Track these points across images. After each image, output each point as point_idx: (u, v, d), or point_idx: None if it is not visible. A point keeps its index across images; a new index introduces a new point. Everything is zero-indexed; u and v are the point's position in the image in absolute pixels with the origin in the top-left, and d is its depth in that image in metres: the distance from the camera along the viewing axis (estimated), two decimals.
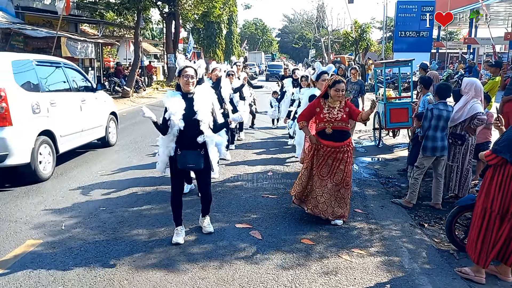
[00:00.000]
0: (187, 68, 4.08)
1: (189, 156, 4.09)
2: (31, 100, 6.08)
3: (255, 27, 75.38)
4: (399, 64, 9.98)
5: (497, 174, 3.48)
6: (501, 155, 3.40)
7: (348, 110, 4.67)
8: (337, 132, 4.63)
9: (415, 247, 4.29)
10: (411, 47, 28.15)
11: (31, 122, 6.03)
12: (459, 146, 5.40)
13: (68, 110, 7.09)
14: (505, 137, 3.46)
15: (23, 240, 4.32)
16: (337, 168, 4.69)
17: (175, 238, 4.28)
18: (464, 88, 5.32)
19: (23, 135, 5.86)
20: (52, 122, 6.49)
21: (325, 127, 4.65)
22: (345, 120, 4.65)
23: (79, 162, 7.49)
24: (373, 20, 44.19)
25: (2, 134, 5.62)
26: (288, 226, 4.74)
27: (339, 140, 4.64)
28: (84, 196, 5.71)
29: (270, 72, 36.66)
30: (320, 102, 4.74)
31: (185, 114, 4.01)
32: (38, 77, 6.49)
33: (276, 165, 7.48)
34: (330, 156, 4.66)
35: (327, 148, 4.66)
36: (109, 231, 4.53)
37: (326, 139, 4.66)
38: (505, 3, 24.86)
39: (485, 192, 3.56)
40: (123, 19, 22.49)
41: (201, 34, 43.05)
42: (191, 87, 4.09)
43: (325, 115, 4.64)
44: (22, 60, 6.39)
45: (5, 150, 5.65)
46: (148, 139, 9.64)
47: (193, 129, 4.05)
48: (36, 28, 15.58)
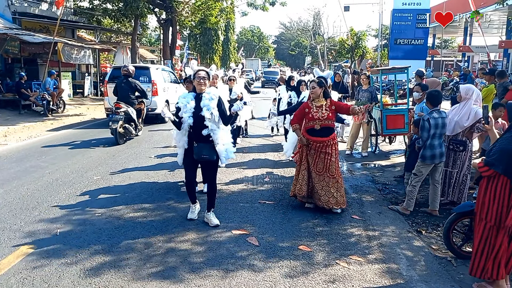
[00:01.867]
0: (200, 71, 4.64)
1: (204, 148, 4.61)
2: (162, 86, 13.09)
3: (251, 34, 75.65)
4: (395, 71, 10.01)
5: (490, 185, 3.45)
6: (494, 168, 3.36)
7: (335, 108, 5.30)
8: (324, 129, 5.25)
9: (413, 254, 4.28)
10: (406, 55, 28.33)
11: (162, 95, 12.89)
12: (460, 152, 5.44)
13: (172, 91, 13.73)
14: (496, 149, 3.41)
15: (18, 246, 4.26)
16: (330, 162, 5.26)
17: (189, 215, 4.99)
18: (465, 94, 5.35)
19: (160, 100, 12.64)
20: (168, 96, 13.33)
21: (314, 125, 5.25)
22: (331, 118, 5.28)
23: (75, 167, 7.44)
24: (368, 27, 44.47)
25: (154, 99, 12.38)
26: (286, 232, 4.71)
27: (325, 135, 5.27)
28: (79, 201, 5.65)
29: (266, 79, 36.38)
30: (309, 103, 5.36)
31: (194, 112, 4.56)
32: (162, 75, 13.67)
33: (273, 170, 7.46)
34: (321, 151, 5.25)
35: (316, 144, 5.25)
36: (104, 238, 4.48)
37: (314, 136, 5.27)
38: (499, 12, 25.11)
39: (480, 203, 3.54)
40: (121, 26, 22.51)
41: (198, 40, 43.16)
42: (203, 87, 4.61)
43: (314, 114, 5.23)
44: (158, 68, 14.03)
45: (155, 106, 12.33)
46: (144, 144, 9.60)
47: (201, 124, 4.56)
48: (33, 34, 15.57)
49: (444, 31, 32.33)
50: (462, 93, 5.40)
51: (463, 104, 5.38)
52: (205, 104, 4.56)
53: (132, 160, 8.05)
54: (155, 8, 23.05)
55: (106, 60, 29.86)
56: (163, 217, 5.12)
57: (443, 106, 5.60)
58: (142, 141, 10.07)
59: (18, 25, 16.50)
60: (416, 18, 29.22)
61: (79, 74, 21.50)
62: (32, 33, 15.65)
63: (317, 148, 5.28)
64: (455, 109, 5.51)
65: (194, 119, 4.56)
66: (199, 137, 4.61)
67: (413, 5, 29.20)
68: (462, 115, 5.32)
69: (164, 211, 5.34)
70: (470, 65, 31.80)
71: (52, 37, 15.03)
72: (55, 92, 14.67)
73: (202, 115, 4.53)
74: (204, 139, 4.61)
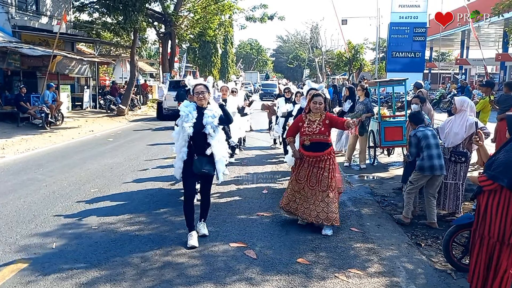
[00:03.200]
0: (198, 86, 4.57)
1: (205, 161, 4.51)
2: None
3: (250, 47, 76.19)
4: (393, 83, 10.06)
5: (491, 199, 3.32)
6: (499, 181, 3.22)
7: (329, 121, 5.06)
8: (315, 144, 5.03)
9: (412, 267, 4.23)
10: (404, 68, 28.52)
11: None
12: (462, 163, 5.43)
13: None
14: (500, 161, 3.27)
15: (13, 260, 4.21)
16: (321, 176, 5.05)
17: (190, 242, 4.55)
18: (461, 106, 5.39)
19: None
20: None
21: (304, 140, 5.09)
22: (324, 132, 5.03)
23: (72, 180, 7.40)
24: (366, 40, 44.82)
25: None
26: (284, 245, 4.67)
27: (318, 150, 5.04)
28: (76, 214, 5.61)
29: (264, 91, 35.28)
30: (303, 117, 5.18)
31: (196, 123, 4.48)
32: None
33: (271, 183, 7.43)
34: (314, 165, 5.05)
35: (309, 158, 5.07)
36: (101, 251, 4.43)
37: (307, 150, 5.09)
38: (495, 25, 25.39)
39: (481, 219, 3.41)
40: (120, 39, 22.65)
41: (197, 53, 43.43)
42: (203, 101, 4.54)
43: (305, 129, 5.06)
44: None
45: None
46: (142, 157, 9.58)
47: (202, 139, 4.51)
48: (32, 47, 15.64)
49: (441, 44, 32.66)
50: (458, 105, 5.43)
51: (458, 116, 5.41)
52: (208, 121, 4.48)
53: (130, 173, 8.02)
54: (154, 22, 23.23)
55: (105, 73, 29.99)
56: (160, 230, 5.07)
57: (441, 118, 5.62)
58: (140, 153, 10.05)
59: (18, 39, 16.58)
60: (413, 31, 29.52)
61: (78, 87, 21.55)
62: (31, 46, 15.72)
63: (310, 162, 5.09)
64: (451, 121, 5.52)
65: (194, 131, 4.47)
66: (199, 150, 4.53)
67: (410, 19, 29.53)
68: (460, 127, 5.34)
69: (161, 224, 5.30)
70: (467, 78, 32.02)
71: (51, 50, 15.09)
72: (53, 105, 14.68)
73: (205, 132, 4.48)
74: (204, 153, 4.53)
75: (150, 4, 20.61)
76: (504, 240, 3.28)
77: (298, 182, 5.19)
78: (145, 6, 18.97)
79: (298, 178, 5.19)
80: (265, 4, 24.56)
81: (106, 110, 20.40)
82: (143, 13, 18.84)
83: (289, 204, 5.24)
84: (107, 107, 20.54)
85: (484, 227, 3.39)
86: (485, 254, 3.40)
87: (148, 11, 20.74)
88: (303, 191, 5.15)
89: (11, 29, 16.49)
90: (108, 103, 20.66)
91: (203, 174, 4.57)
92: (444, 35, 29.94)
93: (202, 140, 4.51)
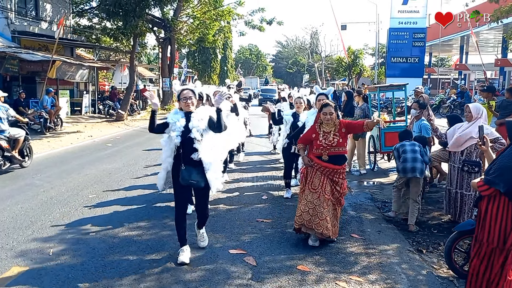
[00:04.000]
0: (184, 91, 4.29)
1: (193, 172, 4.16)
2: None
3: (249, 52, 76.35)
4: (393, 89, 10.04)
5: (491, 205, 3.31)
6: (494, 186, 3.22)
7: (346, 129, 4.70)
8: (333, 157, 4.66)
9: (414, 273, 4.18)
10: (403, 73, 28.57)
11: None
12: (476, 173, 5.16)
13: None
14: (496, 166, 3.28)
15: (9, 267, 4.16)
16: (334, 189, 4.77)
17: (180, 258, 4.25)
18: (477, 114, 5.18)
19: None
20: None
21: (321, 153, 4.66)
22: (342, 144, 4.68)
23: (70, 185, 7.35)
24: (365, 46, 44.94)
25: None
26: (284, 252, 4.62)
27: (336, 163, 4.70)
28: (73, 220, 5.55)
29: (264, 97, 34.29)
30: (316, 128, 4.76)
31: (183, 132, 4.15)
32: None
33: (270, 189, 7.38)
34: (328, 176, 4.70)
35: (324, 168, 4.69)
36: (98, 258, 4.38)
37: (322, 161, 4.69)
38: (494, 31, 25.44)
39: (481, 225, 3.40)
40: (119, 44, 22.68)
41: (197, 59, 43.53)
42: (191, 107, 4.26)
43: (321, 141, 4.64)
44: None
45: None
46: (140, 162, 9.53)
47: (190, 146, 4.16)
48: (31, 52, 15.64)
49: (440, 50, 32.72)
50: (474, 113, 5.20)
51: (472, 123, 5.20)
52: (194, 125, 4.15)
53: (128, 178, 7.97)
54: (154, 27, 23.27)
55: (105, 78, 30.01)
56: (159, 236, 5.02)
57: (440, 124, 5.57)
58: (139, 159, 10.00)
59: (17, 44, 16.59)
60: (413, 36, 29.60)
61: (78, 92, 21.54)
62: (30, 52, 15.72)
63: (324, 172, 4.69)
64: (461, 128, 5.35)
65: (182, 139, 4.14)
66: (187, 160, 4.17)
67: (409, 24, 29.63)
68: (473, 132, 5.09)
69: (160, 230, 5.25)
70: (466, 83, 32.07)
71: (50, 55, 15.10)
72: (52, 110, 14.65)
73: (191, 136, 4.14)
74: (193, 162, 4.17)
75: (150, 9, 20.65)
76: (504, 246, 3.24)
77: (311, 191, 4.70)
78: (145, 11, 19.01)
79: (312, 186, 4.72)
80: (262, 7, 24.65)
81: (105, 115, 20.38)
82: (143, 18, 18.87)
83: (302, 216, 4.68)
84: (106, 112, 20.52)
85: (483, 233, 3.35)
86: (485, 260, 3.36)
87: (148, 17, 20.77)
88: (318, 201, 4.65)
89: (11, 34, 16.50)
90: (107, 108, 20.64)
91: (191, 185, 4.24)
92: (443, 41, 30.00)
93: (190, 147, 4.16)
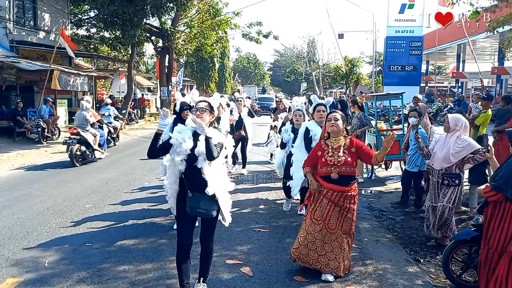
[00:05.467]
0: (200, 103, 3.60)
1: (201, 199, 3.45)
2: None
3: (247, 61, 76.62)
4: (390, 97, 10.07)
5: (496, 211, 3.35)
6: (502, 192, 3.25)
7: (355, 150, 4.14)
8: (342, 177, 4.08)
9: (411, 283, 4.16)
10: (400, 81, 28.69)
11: None
12: (456, 186, 4.94)
13: None
14: (503, 173, 3.31)
15: (3, 278, 4.13)
16: (344, 218, 4.16)
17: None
18: (455, 125, 4.90)
19: None
20: None
21: (330, 172, 4.09)
22: (351, 163, 4.10)
23: (67, 195, 7.32)
24: (362, 54, 45.14)
25: None
26: (281, 262, 4.59)
27: (345, 184, 4.10)
28: (70, 230, 5.52)
29: (261, 105, 33.93)
30: (322, 144, 4.27)
31: (189, 156, 3.46)
32: None
33: (268, 198, 7.37)
34: (337, 203, 4.09)
35: (333, 193, 4.10)
36: (94, 268, 4.35)
37: (330, 182, 4.12)
38: (490, 39, 25.63)
39: (485, 229, 3.43)
40: (117, 53, 22.74)
41: (195, 67, 43.67)
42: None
43: (330, 158, 4.10)
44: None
45: None
46: (138, 171, 9.51)
47: (196, 173, 3.45)
48: (29, 62, 15.66)
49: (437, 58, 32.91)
50: (452, 124, 4.93)
51: (450, 135, 4.94)
52: (201, 151, 3.41)
53: (125, 188, 7.95)
54: (152, 36, 23.35)
55: (103, 87, 30.04)
56: (155, 245, 5.00)
57: (438, 132, 5.55)
58: (136, 168, 9.98)
59: (15, 53, 16.61)
60: (410, 45, 29.78)
61: (75, 101, 21.53)
62: (29, 61, 15.74)
63: (331, 198, 4.11)
64: (440, 141, 5.09)
65: (187, 165, 3.46)
66: (194, 186, 3.47)
67: (406, 33, 29.83)
68: (451, 147, 4.86)
69: (156, 239, 5.22)
70: (463, 91, 32.21)
71: (48, 65, 15.12)
72: (50, 119, 14.64)
73: (198, 167, 3.44)
74: (202, 188, 3.43)
75: (148, 19, 20.74)
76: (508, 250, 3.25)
77: (313, 222, 4.17)
78: (143, 21, 19.10)
79: (314, 217, 4.17)
80: (260, 21, 24.88)
81: None
82: (141, 28, 18.95)
83: (299, 249, 4.19)
84: None
85: (489, 239, 3.37)
86: (492, 266, 3.36)
87: (146, 26, 20.86)
88: (319, 234, 4.13)
89: (9, 44, 16.54)
90: None
91: (200, 215, 3.54)
92: (440, 49, 30.18)
93: (198, 173, 3.46)
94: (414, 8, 29.58)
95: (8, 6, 16.42)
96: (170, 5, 19.51)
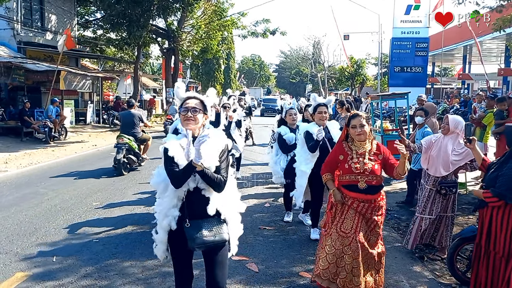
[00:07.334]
0: (189, 100, 2.81)
1: (203, 226, 2.67)
2: None
3: (253, 63, 76.77)
4: (395, 97, 10.07)
5: (495, 214, 3.31)
6: (506, 200, 3.20)
7: (382, 158, 3.66)
8: (370, 188, 3.54)
9: (416, 281, 4.17)
10: (406, 82, 28.55)
11: None
12: (454, 194, 4.65)
13: None
14: (504, 179, 3.22)
15: (13, 272, 4.19)
16: (372, 231, 3.61)
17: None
18: (455, 128, 4.51)
19: None
20: None
21: (357, 181, 3.52)
22: (377, 172, 3.55)
23: (74, 193, 7.39)
24: (368, 55, 45.03)
25: None
26: (286, 258, 4.62)
27: (371, 192, 3.54)
28: (77, 227, 5.59)
29: (266, 107, 33.63)
30: (344, 147, 3.68)
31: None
32: None
33: (273, 197, 7.39)
34: (364, 215, 3.54)
35: (359, 203, 3.53)
36: (101, 264, 4.40)
37: (354, 191, 3.56)
38: (497, 40, 25.51)
39: (485, 234, 3.39)
40: (124, 54, 22.88)
41: (200, 69, 43.82)
42: (192, 125, 2.74)
43: (354, 165, 3.53)
44: None
45: None
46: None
47: (198, 194, 2.73)
48: (36, 62, 15.82)
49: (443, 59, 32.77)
50: (451, 126, 4.51)
51: (448, 138, 4.56)
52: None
53: (132, 186, 8.01)
54: (158, 38, 23.50)
55: (109, 88, 30.25)
56: None
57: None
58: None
59: (22, 54, 16.80)
60: (415, 46, 29.65)
61: (82, 102, 21.71)
62: (36, 62, 15.90)
63: (357, 208, 3.54)
64: (436, 144, 4.63)
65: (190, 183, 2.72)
66: (193, 211, 2.71)
67: (412, 34, 29.70)
68: (450, 153, 4.50)
69: None
70: (470, 93, 32.06)
71: (55, 66, 15.27)
72: (57, 120, 14.78)
73: (199, 187, 2.72)
74: (204, 213, 2.71)
75: (154, 20, 20.88)
76: (510, 255, 3.23)
77: (342, 235, 3.52)
78: (149, 22, 19.22)
79: (342, 229, 3.54)
80: (267, 19, 24.78)
81: (110, 125, 20.49)
82: (147, 29, 19.07)
83: (329, 269, 3.49)
84: (111, 122, 20.63)
85: (489, 242, 3.34)
86: (490, 269, 3.35)
87: (152, 27, 20.99)
88: (349, 248, 3.46)
89: (16, 45, 16.73)
90: (112, 118, 20.75)
91: (207, 245, 2.67)
92: (446, 50, 30.07)
93: (198, 195, 2.73)
94: (420, 9, 29.48)
95: (16, 8, 16.62)
96: (176, 6, 19.64)
